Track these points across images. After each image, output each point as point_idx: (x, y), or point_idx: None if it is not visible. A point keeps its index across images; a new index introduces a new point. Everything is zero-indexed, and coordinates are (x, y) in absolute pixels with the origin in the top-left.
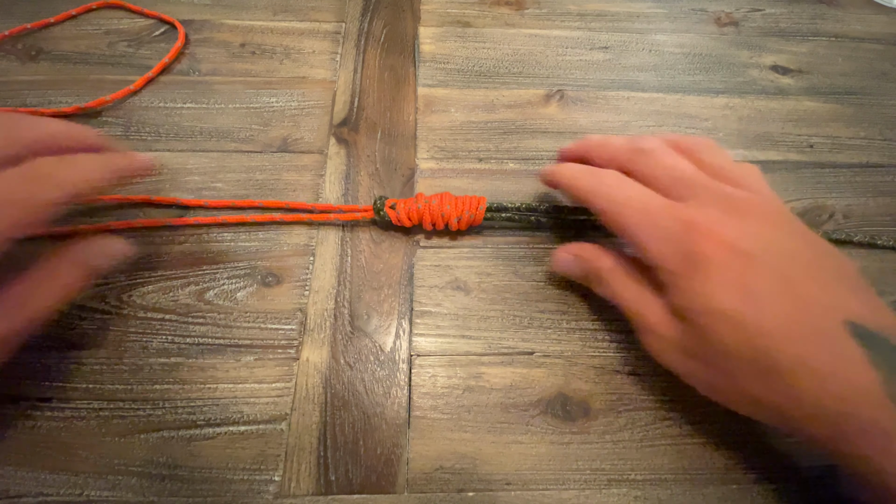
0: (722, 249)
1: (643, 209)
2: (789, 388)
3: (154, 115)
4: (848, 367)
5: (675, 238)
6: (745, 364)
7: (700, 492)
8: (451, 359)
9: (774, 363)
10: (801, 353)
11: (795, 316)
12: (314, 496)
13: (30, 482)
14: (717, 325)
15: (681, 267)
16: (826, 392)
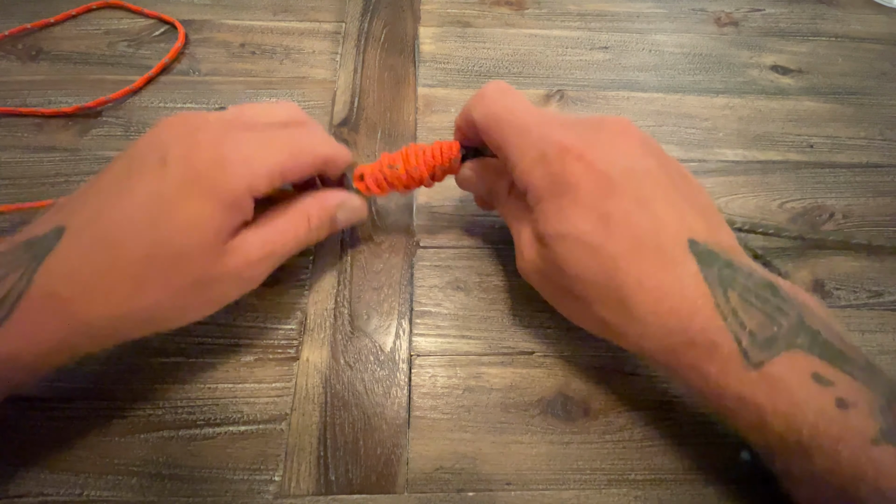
0: (588, 176)
1: (520, 126)
2: (631, 309)
3: (154, 115)
4: (684, 284)
5: (546, 161)
6: (595, 288)
7: (700, 492)
8: (452, 359)
9: (621, 285)
10: (643, 274)
11: (644, 239)
12: (314, 496)
13: (30, 482)
14: (569, 249)
15: (547, 192)
16: (662, 308)
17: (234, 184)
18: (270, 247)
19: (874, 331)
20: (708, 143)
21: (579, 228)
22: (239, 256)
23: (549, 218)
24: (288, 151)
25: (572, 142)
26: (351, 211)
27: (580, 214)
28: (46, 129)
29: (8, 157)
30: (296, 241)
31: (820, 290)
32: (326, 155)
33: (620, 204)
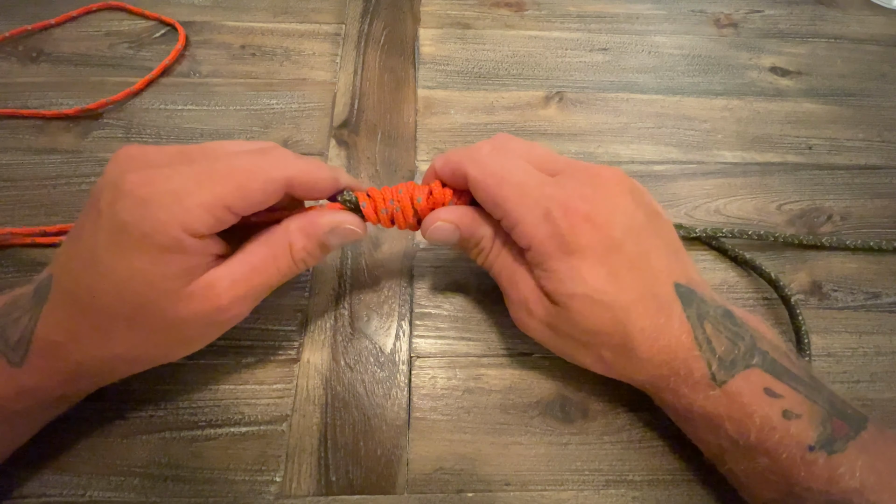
0: (596, 236)
1: (520, 184)
2: (633, 351)
3: (155, 117)
4: (673, 324)
5: (552, 220)
6: (604, 337)
7: (697, 492)
8: (451, 360)
9: (628, 333)
10: (645, 321)
11: (645, 289)
12: (315, 497)
13: (33, 483)
14: (585, 307)
15: (555, 250)
16: (656, 347)
17: (162, 227)
18: (243, 286)
19: (871, 332)
20: (707, 145)
21: (593, 287)
22: (204, 300)
23: (562, 278)
24: (234, 180)
25: (575, 202)
26: (345, 235)
27: (593, 273)
28: (47, 131)
29: (9, 158)
30: (277, 275)
31: (818, 291)
32: (288, 178)
33: (625, 260)
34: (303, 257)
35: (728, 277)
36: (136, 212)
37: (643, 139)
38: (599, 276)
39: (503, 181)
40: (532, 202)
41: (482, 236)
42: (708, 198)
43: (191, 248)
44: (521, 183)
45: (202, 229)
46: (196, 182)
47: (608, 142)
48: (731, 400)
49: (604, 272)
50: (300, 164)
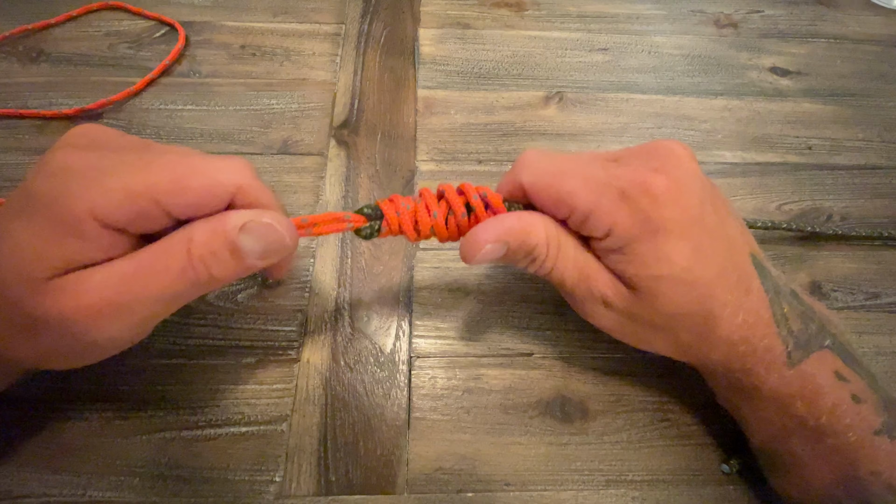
0: (677, 210)
1: (584, 172)
2: (714, 329)
3: (155, 117)
4: (752, 298)
5: (630, 200)
6: (685, 318)
7: (697, 493)
8: (451, 360)
9: (710, 310)
10: (727, 296)
11: (726, 262)
12: (314, 497)
13: (33, 483)
14: (670, 288)
15: (639, 232)
16: (736, 323)
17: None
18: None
19: (871, 332)
20: (707, 145)
21: (679, 265)
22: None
23: (646, 260)
24: (172, 172)
25: (651, 177)
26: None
27: (677, 251)
28: (47, 131)
29: (9, 158)
30: (168, 280)
31: (817, 291)
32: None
33: (705, 233)
34: (202, 256)
35: None
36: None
37: (643, 139)
38: (684, 252)
39: (564, 174)
40: (602, 186)
41: (535, 244)
42: None
43: (90, 235)
44: (584, 171)
45: (115, 216)
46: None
47: (608, 142)
48: (805, 381)
49: (688, 248)
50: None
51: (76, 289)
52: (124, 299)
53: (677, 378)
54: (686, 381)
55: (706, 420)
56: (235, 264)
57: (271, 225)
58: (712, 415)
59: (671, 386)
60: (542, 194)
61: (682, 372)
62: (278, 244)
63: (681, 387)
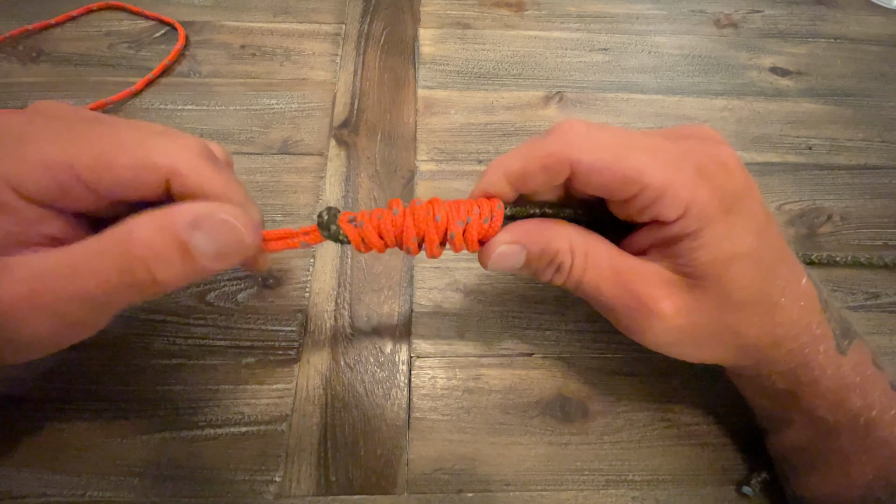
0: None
1: (649, 147)
2: (776, 316)
3: (155, 117)
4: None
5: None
6: (751, 307)
7: (698, 493)
8: (451, 360)
9: (772, 294)
10: (786, 278)
11: (779, 242)
12: (315, 497)
13: (33, 483)
14: (741, 271)
15: (717, 210)
16: (794, 311)
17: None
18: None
19: (871, 332)
20: None
21: (749, 245)
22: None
23: (720, 241)
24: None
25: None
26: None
27: (748, 230)
28: None
29: None
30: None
31: None
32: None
33: (764, 212)
34: (144, 256)
35: None
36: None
37: None
38: (753, 231)
39: (627, 150)
40: (677, 160)
41: (557, 250)
42: None
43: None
44: (649, 146)
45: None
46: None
47: None
48: (856, 369)
49: (756, 226)
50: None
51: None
52: (48, 297)
53: (678, 378)
54: (686, 380)
55: (707, 420)
56: (184, 267)
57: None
58: (713, 415)
59: (672, 386)
60: (604, 173)
61: (682, 372)
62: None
63: (681, 387)
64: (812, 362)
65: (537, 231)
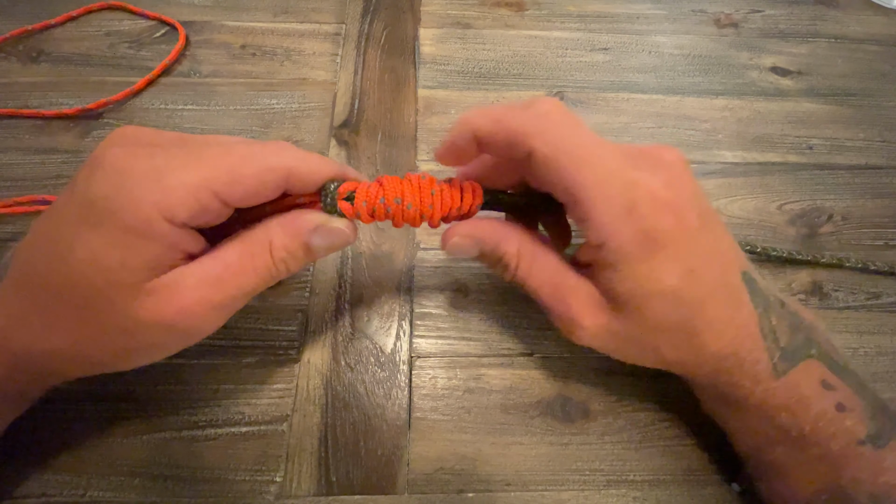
0: (679, 229)
1: (602, 167)
2: (701, 346)
3: (155, 117)
4: (741, 314)
5: (638, 214)
6: (670, 335)
7: (699, 493)
8: (452, 360)
9: (696, 328)
10: (716, 314)
11: (718, 281)
12: (315, 497)
13: (33, 483)
14: (659, 307)
15: (637, 249)
16: (724, 339)
17: (134, 205)
18: (213, 288)
19: (872, 332)
20: (707, 145)
21: (669, 285)
22: (167, 301)
23: (637, 278)
24: (226, 164)
25: (659, 189)
26: (332, 236)
27: (670, 271)
28: (47, 131)
29: (9, 158)
30: (254, 277)
31: (818, 291)
32: (288, 168)
33: (701, 252)
34: (283, 257)
35: None
36: (109, 185)
37: (643, 139)
38: (678, 272)
39: (584, 163)
40: (614, 192)
41: (504, 252)
42: (708, 198)
43: (162, 235)
44: (604, 166)
45: (181, 214)
46: (183, 162)
47: None
48: (790, 391)
49: (682, 268)
50: (303, 155)
51: (173, 291)
52: (219, 298)
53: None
54: None
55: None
56: (306, 259)
57: (340, 229)
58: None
59: (672, 386)
60: (554, 175)
61: None
62: (343, 242)
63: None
64: (740, 383)
65: (491, 231)
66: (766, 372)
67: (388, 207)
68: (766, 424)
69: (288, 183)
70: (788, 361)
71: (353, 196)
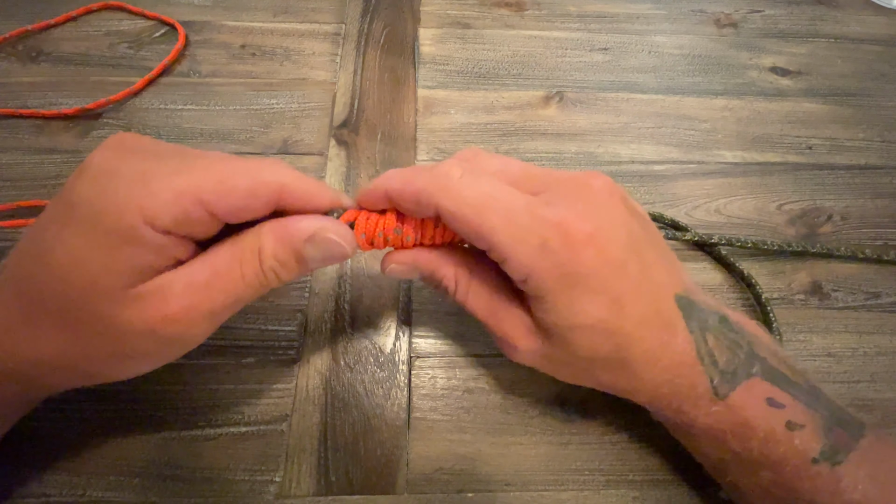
0: (599, 261)
1: (506, 210)
2: (635, 372)
3: (155, 117)
4: (675, 341)
5: (550, 250)
6: (603, 363)
7: (698, 493)
8: (451, 360)
9: (628, 356)
10: (647, 342)
11: (648, 310)
12: (314, 497)
13: (32, 483)
14: (585, 338)
15: (555, 283)
16: (659, 366)
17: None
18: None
19: (872, 332)
20: (707, 145)
21: (594, 317)
22: (153, 307)
23: (560, 311)
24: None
25: (574, 224)
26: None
27: (594, 303)
28: (47, 131)
29: (8, 158)
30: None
31: (818, 291)
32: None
33: (628, 282)
34: (272, 266)
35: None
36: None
37: (643, 139)
38: (602, 304)
39: (485, 210)
40: (524, 231)
41: (441, 277)
42: (708, 198)
43: (147, 241)
44: (507, 209)
45: (165, 220)
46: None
47: (608, 142)
48: (734, 413)
49: (607, 299)
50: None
51: (158, 298)
52: (206, 305)
53: None
54: None
55: None
56: (299, 270)
57: (336, 241)
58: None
59: None
60: (461, 226)
61: None
62: (339, 255)
63: None
64: (682, 409)
65: (426, 258)
66: (706, 396)
67: (387, 237)
68: (717, 448)
69: (281, 201)
70: (729, 383)
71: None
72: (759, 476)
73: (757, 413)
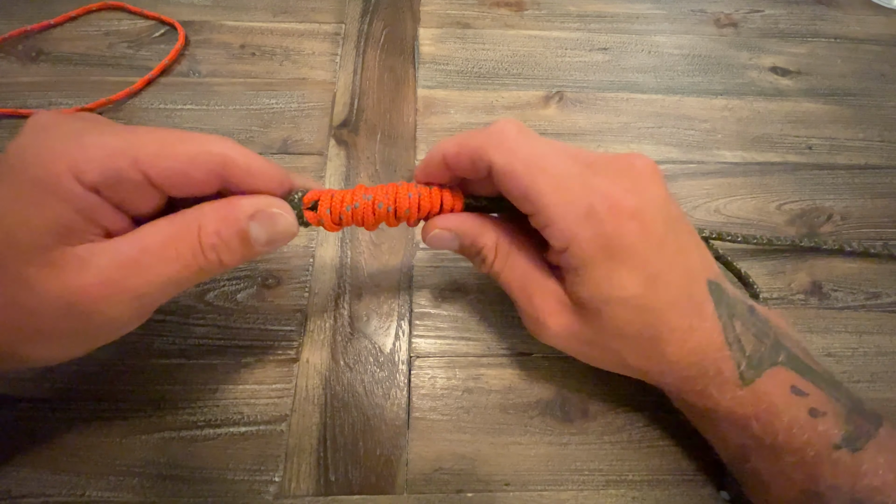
0: (642, 236)
1: (559, 175)
2: (663, 354)
3: (154, 117)
4: (704, 324)
5: (597, 219)
6: (633, 341)
7: (697, 493)
8: (451, 360)
9: (658, 336)
10: (678, 323)
11: (681, 290)
12: (314, 497)
13: (32, 483)
14: (619, 313)
15: (598, 253)
16: (687, 348)
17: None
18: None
19: (872, 332)
20: (707, 145)
21: (630, 292)
22: (70, 275)
23: (597, 282)
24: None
25: (621, 195)
26: (273, 224)
27: (631, 277)
28: None
29: None
30: (178, 267)
31: (818, 291)
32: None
33: (665, 261)
34: (213, 244)
35: None
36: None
37: (643, 139)
38: (639, 279)
39: (539, 171)
40: (573, 197)
41: (483, 245)
42: (708, 197)
43: (73, 195)
44: (560, 174)
45: (94, 174)
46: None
47: (608, 141)
48: (759, 399)
49: (643, 275)
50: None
51: (80, 265)
52: (131, 283)
53: None
54: None
55: None
56: (243, 251)
57: (281, 215)
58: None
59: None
60: (511, 184)
61: None
62: (285, 233)
63: None
64: (707, 392)
65: (471, 224)
66: (732, 381)
67: (355, 203)
68: (740, 433)
69: (225, 173)
70: (755, 369)
71: (316, 206)
72: (782, 461)
73: (781, 400)
